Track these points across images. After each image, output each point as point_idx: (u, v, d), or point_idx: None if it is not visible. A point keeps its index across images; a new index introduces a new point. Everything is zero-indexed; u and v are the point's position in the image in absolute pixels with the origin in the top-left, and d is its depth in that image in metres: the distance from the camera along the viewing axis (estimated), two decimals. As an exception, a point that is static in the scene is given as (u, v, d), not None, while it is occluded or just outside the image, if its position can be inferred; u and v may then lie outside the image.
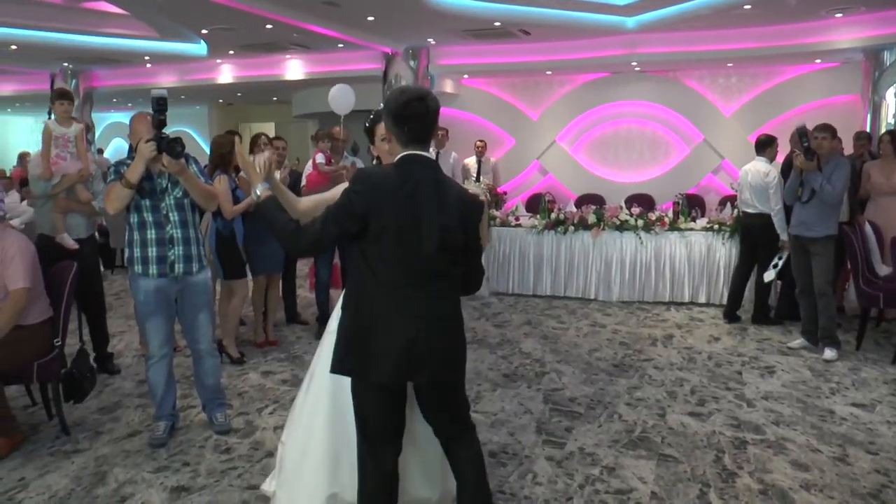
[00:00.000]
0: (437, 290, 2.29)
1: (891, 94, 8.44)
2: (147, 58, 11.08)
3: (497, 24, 8.65)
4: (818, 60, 9.47)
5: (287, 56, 10.99)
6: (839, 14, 7.95)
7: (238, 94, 14.56)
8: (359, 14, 8.19)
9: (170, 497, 3.12)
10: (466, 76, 11.28)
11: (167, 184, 3.53)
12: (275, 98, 15.03)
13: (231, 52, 10.72)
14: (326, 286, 5.78)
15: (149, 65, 11.72)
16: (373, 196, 2.20)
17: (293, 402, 2.92)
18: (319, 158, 5.66)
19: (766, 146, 6.03)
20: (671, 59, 9.57)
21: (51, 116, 4.77)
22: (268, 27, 8.57)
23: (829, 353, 5.12)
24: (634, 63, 9.87)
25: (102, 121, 15.80)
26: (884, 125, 8.30)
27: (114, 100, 14.29)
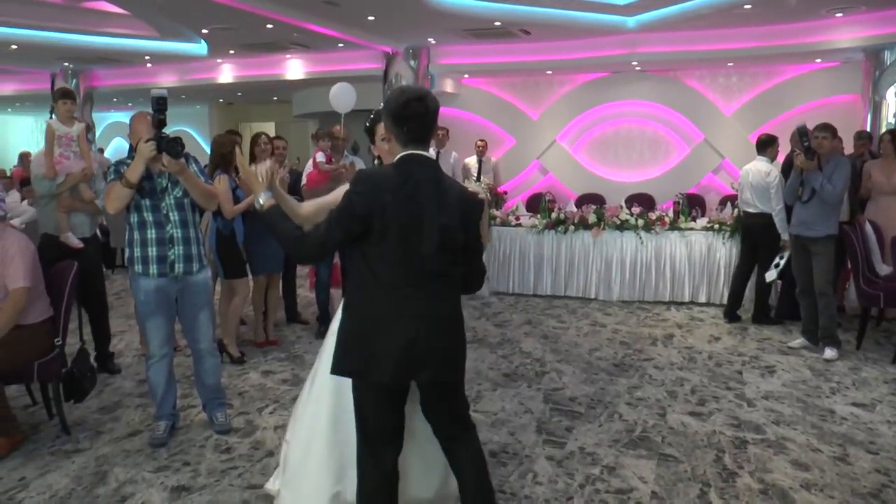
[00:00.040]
0: (437, 290, 2.29)
1: (891, 94, 8.44)
2: (147, 57, 11.08)
3: (497, 24, 8.65)
4: (818, 60, 9.46)
5: (287, 56, 10.98)
6: (839, 14, 7.95)
7: (238, 94, 14.56)
8: (359, 14, 8.19)
9: (170, 497, 3.12)
10: (467, 76, 11.27)
11: (167, 183, 3.54)
12: (275, 98, 15.02)
13: (231, 52, 10.72)
14: (327, 286, 5.78)
15: (149, 64, 11.72)
16: (374, 196, 2.20)
17: (296, 401, 2.93)
18: (320, 157, 5.66)
19: (767, 146, 6.03)
20: (671, 59, 9.57)
21: (52, 116, 4.77)
22: (268, 27, 8.57)
23: (830, 353, 5.12)
24: (635, 63, 9.86)
25: (103, 120, 15.79)
26: (884, 125, 8.29)
27: (114, 99, 14.29)
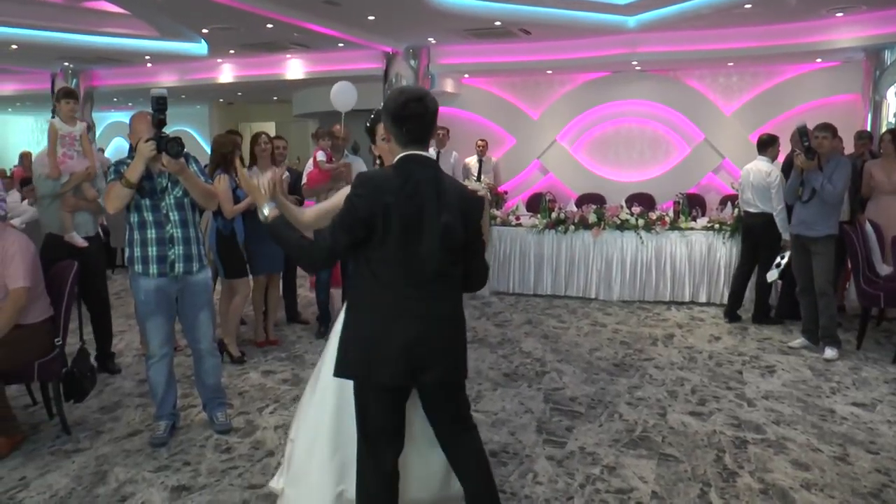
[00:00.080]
0: (438, 291, 2.29)
1: (891, 94, 8.43)
2: (147, 57, 11.07)
3: (498, 24, 8.64)
4: (819, 60, 9.45)
5: (287, 55, 10.98)
6: (840, 13, 7.94)
7: (238, 94, 14.55)
8: (359, 13, 8.19)
9: (170, 496, 3.12)
10: (467, 75, 11.27)
11: (167, 183, 3.54)
12: (275, 97, 15.02)
13: (231, 52, 10.72)
14: (327, 285, 5.78)
15: (149, 64, 11.71)
16: (375, 198, 2.20)
17: (300, 400, 2.93)
18: (320, 156, 5.67)
19: (768, 146, 6.03)
20: (672, 59, 9.56)
21: (54, 116, 4.78)
22: (268, 27, 8.57)
23: (830, 353, 5.12)
24: (635, 62, 9.86)
25: (103, 120, 15.79)
26: (884, 124, 8.28)
27: (114, 99, 14.29)
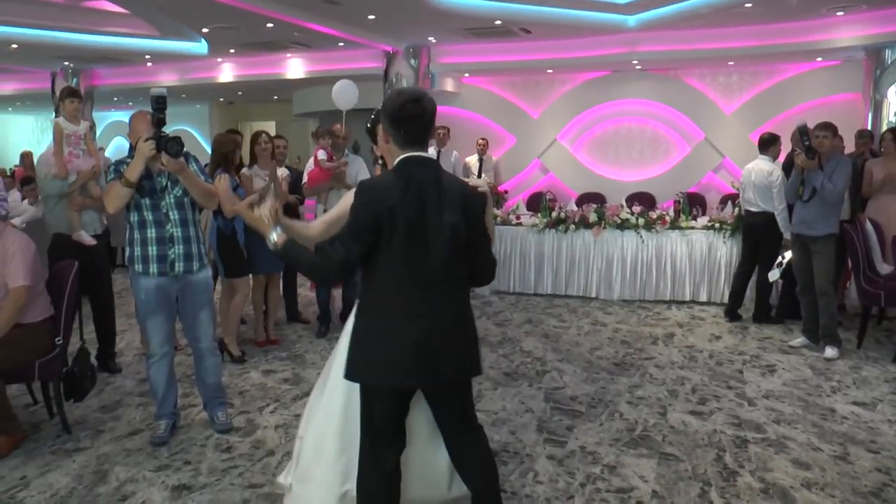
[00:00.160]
0: (444, 291, 2.29)
1: (892, 93, 8.43)
2: (148, 56, 11.07)
3: (498, 23, 8.64)
4: (819, 59, 9.45)
5: (288, 55, 10.98)
6: (840, 12, 7.94)
7: (239, 93, 14.55)
8: (360, 13, 8.18)
9: (171, 496, 3.12)
10: (467, 75, 11.26)
11: (167, 182, 3.53)
12: (275, 97, 15.01)
13: (232, 51, 10.71)
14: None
15: (149, 63, 11.71)
16: (378, 203, 2.21)
17: (309, 397, 2.93)
18: (321, 155, 5.67)
19: (770, 145, 6.02)
20: (672, 58, 9.56)
21: (58, 115, 4.79)
22: (268, 26, 8.57)
23: (830, 352, 5.11)
24: (635, 61, 9.86)
25: (103, 120, 15.79)
26: (885, 123, 8.28)
27: (114, 99, 14.29)
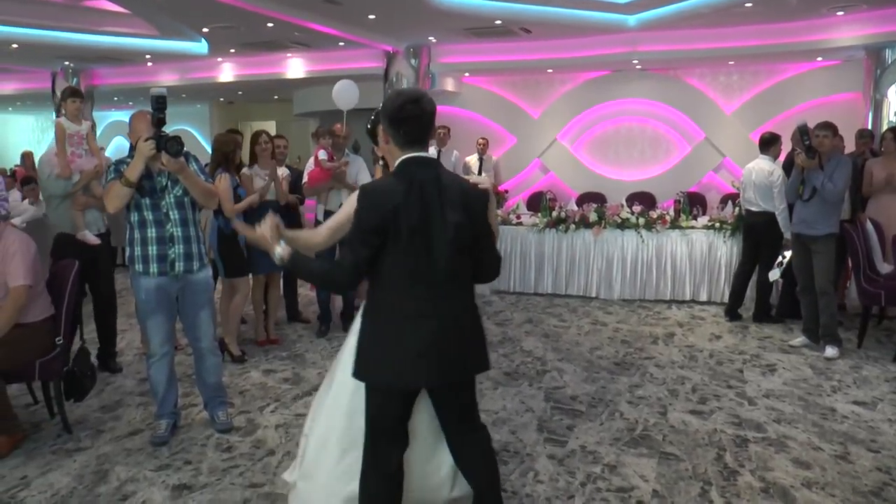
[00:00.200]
0: (450, 290, 2.29)
1: (892, 92, 8.42)
2: (148, 56, 11.07)
3: (498, 23, 8.64)
4: (819, 58, 9.45)
5: (288, 54, 10.98)
6: (840, 12, 7.94)
7: (239, 93, 14.54)
8: (360, 12, 8.19)
9: (171, 495, 3.12)
10: (467, 74, 11.26)
11: (167, 182, 3.53)
12: (276, 96, 15.00)
13: (232, 51, 10.72)
14: (328, 284, 5.77)
15: (150, 63, 11.71)
16: (381, 206, 2.21)
17: (316, 396, 2.93)
18: (322, 155, 5.67)
19: (770, 144, 6.02)
20: (672, 58, 9.55)
21: (59, 115, 4.79)
22: (269, 25, 8.57)
23: (831, 351, 5.11)
24: (635, 61, 9.86)
25: (103, 120, 15.78)
26: (885, 123, 8.28)
27: (115, 98, 14.29)
